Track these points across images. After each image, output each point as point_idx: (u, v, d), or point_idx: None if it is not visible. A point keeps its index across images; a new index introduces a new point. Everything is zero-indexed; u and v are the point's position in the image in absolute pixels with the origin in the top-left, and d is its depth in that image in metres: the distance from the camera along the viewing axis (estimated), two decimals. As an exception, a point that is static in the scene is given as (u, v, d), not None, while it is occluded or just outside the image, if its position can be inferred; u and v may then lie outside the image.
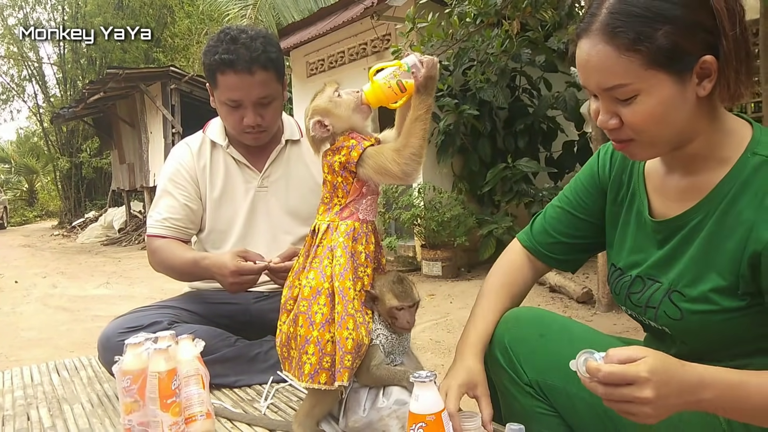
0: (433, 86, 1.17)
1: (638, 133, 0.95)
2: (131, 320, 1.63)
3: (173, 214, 1.77)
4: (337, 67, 7.99)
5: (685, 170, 1.03)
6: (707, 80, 0.91)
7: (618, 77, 0.91)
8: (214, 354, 1.57)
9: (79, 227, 15.56)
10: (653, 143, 0.97)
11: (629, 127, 0.95)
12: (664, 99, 0.91)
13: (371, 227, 1.21)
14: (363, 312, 1.17)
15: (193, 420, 1.22)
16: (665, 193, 1.08)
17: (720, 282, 0.96)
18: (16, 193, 27.52)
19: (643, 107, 0.92)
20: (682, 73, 0.90)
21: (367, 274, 1.19)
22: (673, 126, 0.94)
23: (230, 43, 1.64)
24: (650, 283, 1.07)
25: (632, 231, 1.13)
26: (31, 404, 1.54)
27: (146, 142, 12.99)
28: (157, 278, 7.53)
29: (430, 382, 0.95)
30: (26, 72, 20.77)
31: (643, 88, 0.91)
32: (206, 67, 1.70)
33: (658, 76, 0.90)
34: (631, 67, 0.90)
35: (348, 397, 1.21)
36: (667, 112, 0.92)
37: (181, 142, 1.90)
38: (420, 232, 6.38)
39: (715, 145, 0.98)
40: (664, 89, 0.91)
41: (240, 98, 1.67)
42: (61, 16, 19.60)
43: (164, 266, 1.77)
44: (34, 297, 6.57)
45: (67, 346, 4.26)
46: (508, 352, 1.13)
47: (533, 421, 1.10)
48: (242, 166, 1.83)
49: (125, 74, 11.43)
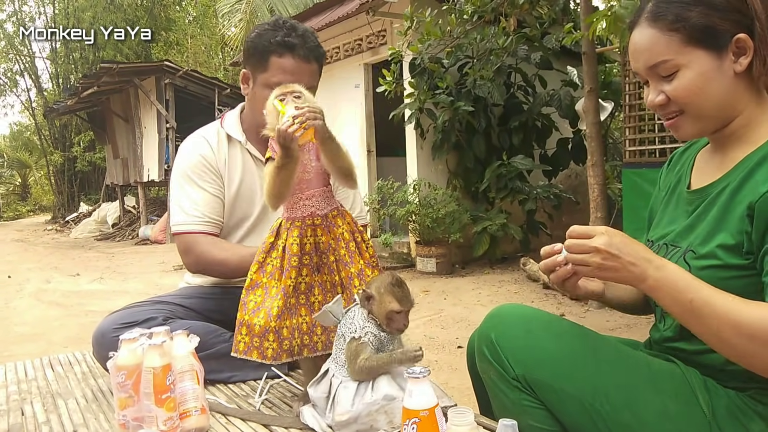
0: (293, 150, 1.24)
1: (683, 105, 1.05)
2: (126, 316, 1.63)
3: (206, 208, 1.75)
4: (332, 63, 7.98)
5: (724, 147, 1.10)
6: (743, 57, 1.01)
7: (661, 54, 1.03)
8: (209, 350, 1.57)
9: (73, 222, 15.50)
10: (698, 116, 1.06)
11: (674, 101, 1.05)
12: (702, 72, 1.02)
13: (298, 223, 1.32)
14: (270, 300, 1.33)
15: (187, 415, 1.23)
16: (703, 170, 1.16)
17: (728, 240, 1.01)
18: (9, 188, 27.39)
19: (684, 81, 1.03)
20: (719, 49, 1.01)
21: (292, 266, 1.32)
22: (713, 98, 1.03)
23: (291, 29, 1.68)
24: (672, 248, 1.12)
25: (671, 207, 1.20)
26: (26, 399, 1.54)
27: (140, 137, 12.94)
28: (151, 273, 7.53)
29: (424, 377, 0.96)
30: (18, 66, 20.66)
31: (683, 63, 1.02)
32: (258, 49, 1.68)
33: (696, 52, 1.02)
34: (672, 44, 1.02)
35: (337, 391, 1.21)
36: (706, 85, 1.02)
37: (195, 134, 1.85)
38: (414, 228, 6.39)
39: (755, 124, 1.06)
40: (703, 64, 1.02)
41: (291, 83, 1.67)
42: (52, 11, 19.46)
43: (206, 264, 1.73)
44: (28, 292, 6.55)
45: (61, 342, 4.25)
46: (495, 348, 1.14)
47: (522, 414, 1.11)
48: (259, 163, 1.80)
49: (119, 68, 11.37)
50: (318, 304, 1.34)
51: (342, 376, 1.22)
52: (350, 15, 7.05)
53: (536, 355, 1.11)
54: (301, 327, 1.34)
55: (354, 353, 1.19)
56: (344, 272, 1.35)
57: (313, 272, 1.35)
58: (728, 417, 1.01)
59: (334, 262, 1.35)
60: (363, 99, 7.55)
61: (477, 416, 1.27)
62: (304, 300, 1.35)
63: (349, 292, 1.34)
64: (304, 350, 1.34)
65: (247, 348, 1.34)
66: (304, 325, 1.34)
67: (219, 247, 1.72)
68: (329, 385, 1.24)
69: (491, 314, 1.20)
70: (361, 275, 1.35)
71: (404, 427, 0.95)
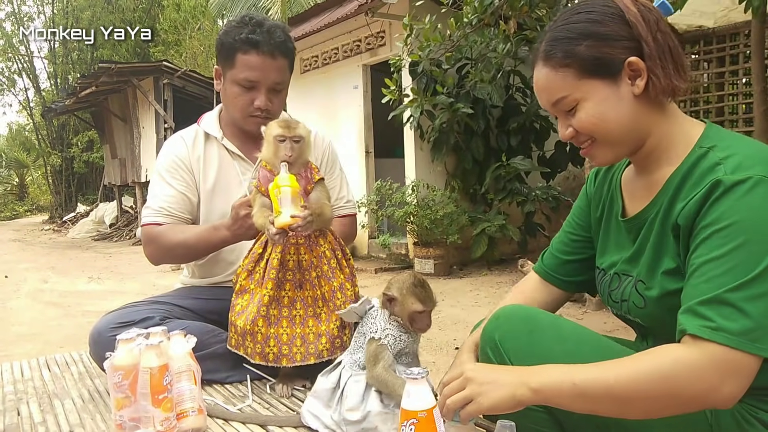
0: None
1: (590, 134, 1.06)
2: (123, 316, 1.62)
3: (171, 203, 1.77)
4: (330, 64, 7.98)
5: (646, 170, 1.11)
6: (639, 79, 1.01)
7: (558, 91, 1.05)
8: (206, 350, 1.57)
9: (70, 222, 15.48)
10: (608, 142, 1.06)
11: (581, 132, 1.06)
12: (601, 101, 1.02)
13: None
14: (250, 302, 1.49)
15: (184, 416, 1.23)
16: (633, 194, 1.16)
17: (670, 264, 1.02)
18: (7, 188, 27.34)
19: (585, 112, 1.04)
20: (613, 76, 1.02)
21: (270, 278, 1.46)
22: (617, 124, 1.03)
23: (256, 26, 1.71)
24: (624, 278, 1.13)
25: (612, 233, 1.20)
26: (22, 399, 1.53)
27: (138, 137, 12.92)
28: (148, 274, 7.52)
29: (422, 378, 0.96)
30: (17, 66, 20.62)
31: (580, 96, 1.03)
32: (225, 46, 1.72)
33: (591, 83, 1.02)
34: (567, 80, 1.03)
35: (347, 384, 1.22)
36: (607, 112, 1.03)
37: (174, 134, 1.91)
38: (413, 229, 6.39)
39: (667, 143, 1.06)
40: (599, 93, 1.02)
41: (257, 79, 1.71)
42: (51, 11, 19.44)
43: (168, 249, 1.75)
44: (24, 292, 6.53)
45: (58, 342, 4.23)
46: (498, 349, 1.14)
47: (523, 417, 1.10)
48: (236, 158, 1.84)
49: (117, 69, 11.36)
50: (299, 318, 1.47)
51: (353, 371, 1.22)
52: (349, 16, 7.05)
53: (540, 356, 1.10)
54: (281, 337, 1.46)
55: (373, 355, 1.19)
56: (327, 286, 1.48)
57: (295, 288, 1.48)
58: (732, 423, 1.01)
59: (316, 278, 1.48)
60: (361, 100, 7.55)
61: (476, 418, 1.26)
62: (286, 313, 1.47)
63: (333, 305, 1.47)
64: (283, 359, 1.46)
65: (236, 344, 1.52)
66: (284, 336, 1.46)
67: (176, 231, 1.74)
68: (339, 377, 1.24)
69: (495, 315, 1.19)
70: (342, 288, 1.49)
71: (402, 428, 0.94)
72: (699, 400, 0.90)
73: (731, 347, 0.86)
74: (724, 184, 0.92)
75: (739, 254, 0.88)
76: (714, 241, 0.91)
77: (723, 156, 0.96)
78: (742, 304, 0.87)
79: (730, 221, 0.90)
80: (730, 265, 0.88)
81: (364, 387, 1.21)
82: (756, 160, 0.93)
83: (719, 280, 0.88)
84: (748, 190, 0.90)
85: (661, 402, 0.90)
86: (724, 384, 0.87)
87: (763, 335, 0.87)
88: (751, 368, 0.88)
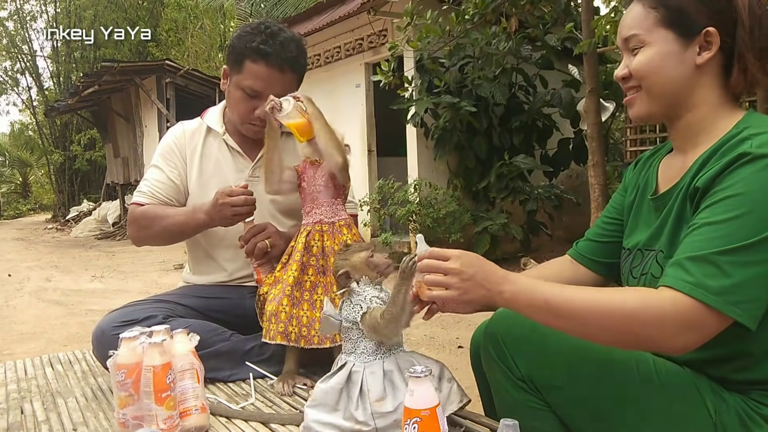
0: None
1: (640, 80, 1.08)
2: (126, 314, 1.62)
3: (159, 188, 1.81)
4: (333, 62, 7.98)
5: (683, 149, 1.12)
6: (707, 52, 1.03)
7: (634, 28, 1.08)
8: (209, 348, 1.57)
9: (73, 221, 15.50)
10: (651, 95, 1.08)
11: (634, 75, 1.09)
12: (663, 53, 1.05)
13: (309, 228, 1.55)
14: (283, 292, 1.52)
15: (187, 414, 1.23)
16: (666, 174, 1.16)
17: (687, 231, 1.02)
18: (10, 186, 27.39)
19: (645, 57, 1.06)
20: (686, 37, 1.04)
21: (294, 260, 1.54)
22: (667, 81, 1.06)
23: (270, 36, 1.69)
24: (647, 253, 1.13)
25: (643, 214, 1.20)
26: (25, 398, 1.53)
27: (141, 136, 12.94)
28: (150, 272, 7.53)
29: (425, 377, 0.96)
30: (20, 64, 20.65)
31: (650, 40, 1.06)
32: (236, 50, 1.73)
33: (664, 33, 1.05)
34: (647, 21, 1.06)
35: (365, 379, 1.17)
36: (663, 66, 1.05)
37: (178, 123, 1.95)
38: (415, 228, 6.38)
39: (710, 123, 1.07)
40: (666, 45, 1.05)
41: (261, 89, 1.71)
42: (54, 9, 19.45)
43: (150, 229, 1.77)
44: (28, 290, 6.54)
45: (61, 340, 4.24)
46: (501, 347, 1.14)
47: (526, 415, 1.10)
48: (235, 154, 1.86)
49: (120, 67, 11.38)
50: (319, 303, 1.49)
51: (364, 362, 1.18)
52: (351, 14, 7.05)
53: (542, 353, 1.10)
54: (301, 319, 1.51)
55: (373, 318, 1.16)
56: None
57: (318, 273, 1.54)
58: (735, 420, 1.00)
59: None
60: (364, 98, 7.54)
61: (479, 416, 1.27)
62: (308, 296, 1.53)
63: None
64: (301, 341, 1.50)
65: (266, 332, 1.54)
66: (304, 318, 1.51)
67: (157, 210, 1.78)
68: (348, 375, 1.18)
69: (498, 313, 1.19)
70: None
71: (405, 427, 0.94)
72: (652, 344, 0.97)
73: (705, 304, 0.89)
74: (746, 155, 0.94)
75: (738, 223, 0.91)
76: (719, 207, 0.94)
77: (755, 132, 0.97)
78: (727, 267, 0.90)
79: (739, 191, 0.93)
80: (727, 231, 0.91)
81: (383, 376, 1.17)
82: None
83: (713, 242, 0.92)
84: (759, 165, 0.93)
85: (619, 336, 0.96)
86: (681, 335, 0.91)
87: (739, 300, 0.89)
88: (713, 327, 0.91)
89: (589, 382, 1.07)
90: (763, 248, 0.90)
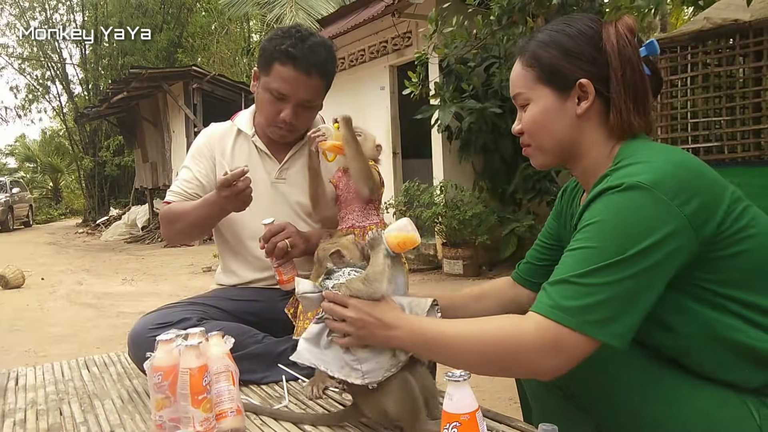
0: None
1: (529, 136, 1.13)
2: (161, 317, 1.64)
3: (187, 187, 1.84)
4: (357, 65, 8.00)
5: (587, 188, 1.15)
6: (584, 102, 1.06)
7: (518, 87, 1.13)
8: (243, 350, 1.57)
9: (103, 225, 15.79)
10: (542, 149, 1.13)
11: (524, 131, 1.14)
12: (544, 109, 1.10)
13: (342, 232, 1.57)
14: None
15: (223, 416, 1.23)
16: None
17: None
18: (42, 192, 28.01)
19: (530, 114, 1.11)
20: (563, 91, 1.08)
21: None
22: (553, 135, 1.10)
23: (299, 40, 1.70)
24: None
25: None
26: (63, 399, 1.55)
27: (169, 141, 13.13)
28: (180, 275, 7.62)
29: (464, 381, 0.94)
30: (50, 73, 21.14)
31: (533, 97, 1.11)
32: (266, 52, 1.74)
33: (543, 89, 1.09)
34: (527, 79, 1.11)
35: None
36: (546, 121, 1.10)
37: (210, 124, 1.98)
38: (441, 230, 6.36)
39: (600, 162, 1.09)
40: (546, 101, 1.09)
41: (288, 93, 1.72)
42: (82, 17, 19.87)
43: (177, 223, 1.79)
44: (60, 294, 6.68)
45: (93, 342, 4.32)
46: None
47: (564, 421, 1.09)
48: (263, 156, 1.87)
49: (148, 74, 11.57)
50: None
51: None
52: (376, 17, 7.06)
53: None
54: None
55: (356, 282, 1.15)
56: None
57: None
58: None
59: None
60: (388, 101, 7.55)
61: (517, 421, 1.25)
62: None
63: None
64: None
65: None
66: None
67: (183, 204, 1.80)
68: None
69: None
70: None
71: (444, 430, 0.93)
72: (524, 369, 1.01)
73: (564, 325, 0.91)
74: (603, 191, 0.97)
75: (596, 247, 0.94)
76: (580, 235, 0.98)
77: (615, 168, 1.00)
78: (585, 288, 0.92)
79: (594, 220, 0.96)
80: (585, 256, 0.94)
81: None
82: (646, 169, 0.95)
83: (572, 266, 0.95)
84: (615, 194, 0.95)
85: (493, 364, 1.00)
86: (547, 358, 0.93)
87: (598, 319, 0.91)
88: (578, 348, 0.92)
89: (627, 383, 1.05)
90: (623, 267, 0.91)
